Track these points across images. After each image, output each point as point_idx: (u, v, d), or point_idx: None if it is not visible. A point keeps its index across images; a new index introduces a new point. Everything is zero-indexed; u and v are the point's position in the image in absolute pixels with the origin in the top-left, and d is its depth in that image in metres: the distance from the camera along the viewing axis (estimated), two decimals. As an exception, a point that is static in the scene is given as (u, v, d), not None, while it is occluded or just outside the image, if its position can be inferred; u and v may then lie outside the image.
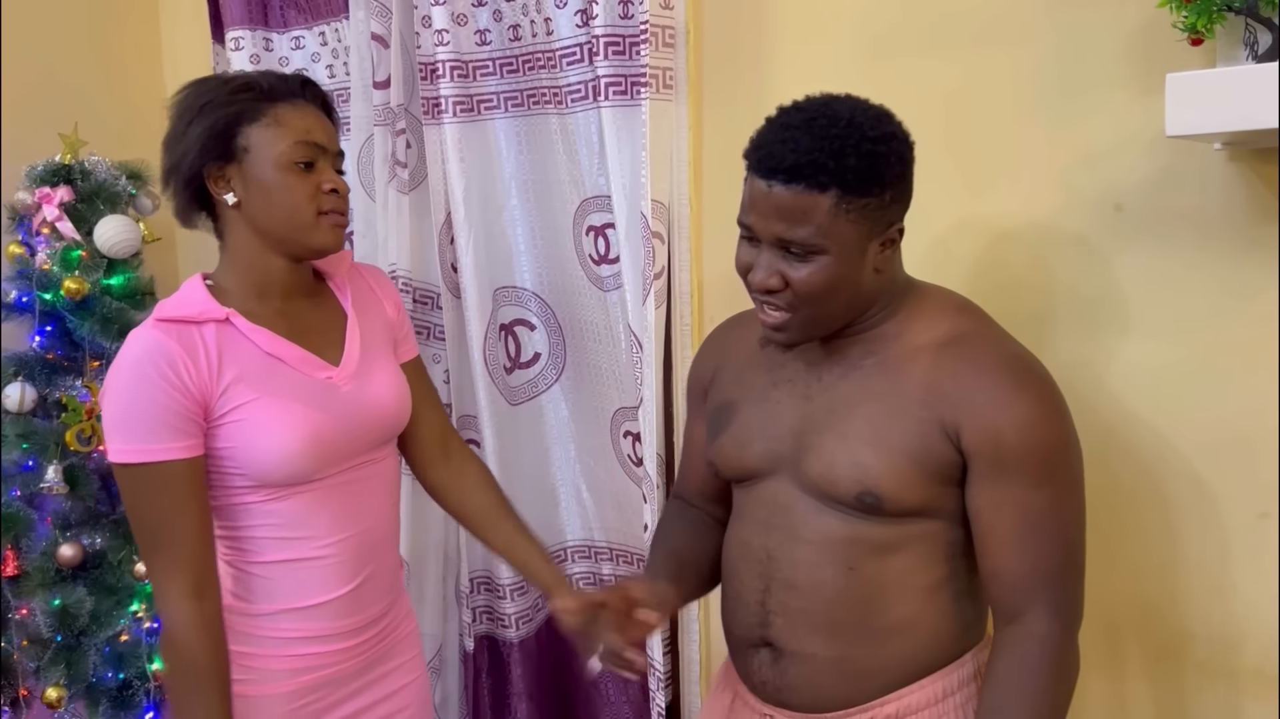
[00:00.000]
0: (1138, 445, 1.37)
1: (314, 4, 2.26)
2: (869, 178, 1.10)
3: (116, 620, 2.19)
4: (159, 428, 1.26)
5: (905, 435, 1.14)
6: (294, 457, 1.32)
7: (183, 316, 1.31)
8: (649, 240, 1.66)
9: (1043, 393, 1.14)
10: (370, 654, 1.44)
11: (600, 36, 1.67)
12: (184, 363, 1.27)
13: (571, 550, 2.05)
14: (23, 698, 2.18)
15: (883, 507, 1.15)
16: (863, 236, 1.12)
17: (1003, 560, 1.13)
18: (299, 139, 1.34)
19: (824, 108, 1.13)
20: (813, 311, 1.16)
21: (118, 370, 1.29)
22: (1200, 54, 1.22)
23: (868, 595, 1.18)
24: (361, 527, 1.40)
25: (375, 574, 1.43)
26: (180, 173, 1.35)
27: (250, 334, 1.33)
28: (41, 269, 2.20)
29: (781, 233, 1.12)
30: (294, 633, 1.37)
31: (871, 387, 1.18)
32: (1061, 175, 1.40)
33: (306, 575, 1.37)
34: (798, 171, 1.09)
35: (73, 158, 2.26)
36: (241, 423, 1.30)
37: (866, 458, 1.15)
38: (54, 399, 2.23)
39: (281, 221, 1.34)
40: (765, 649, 1.24)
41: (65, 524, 2.20)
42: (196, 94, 1.37)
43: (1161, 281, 1.34)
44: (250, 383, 1.31)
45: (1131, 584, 1.38)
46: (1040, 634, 1.11)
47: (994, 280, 1.42)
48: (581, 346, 1.96)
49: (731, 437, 1.28)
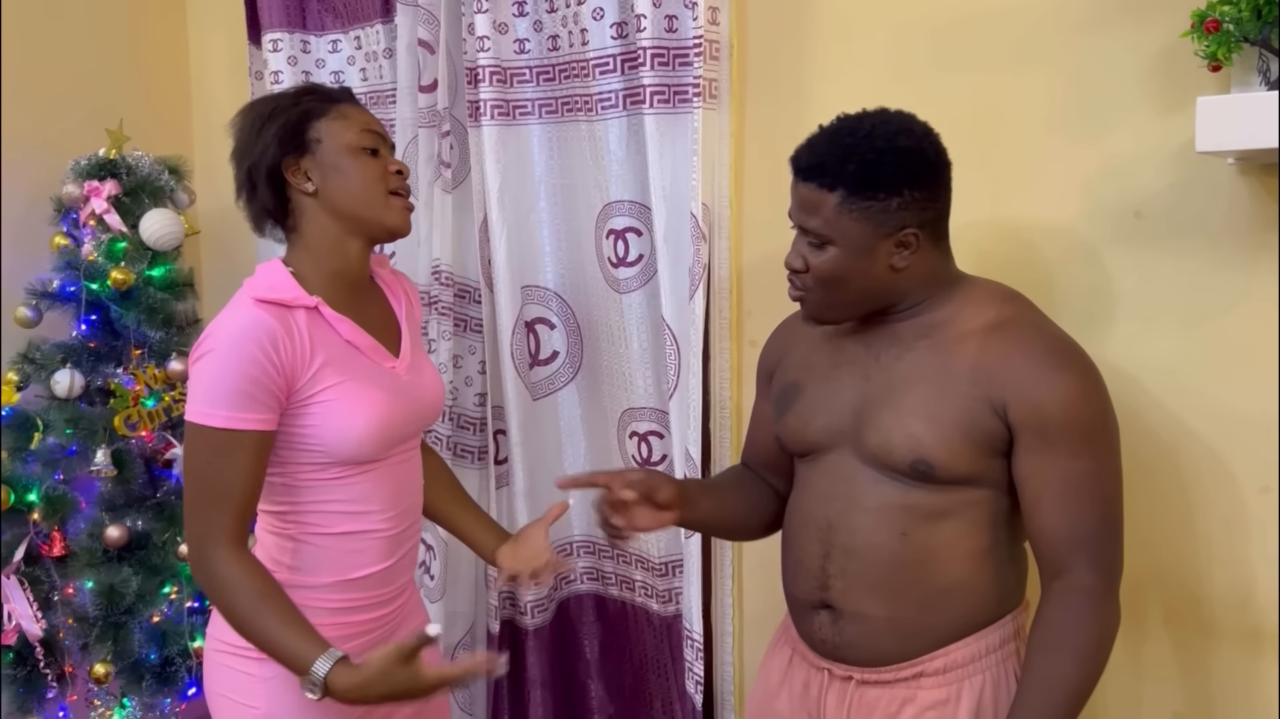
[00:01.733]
0: (1155, 428, 1.51)
1: (350, 10, 2.35)
2: (870, 183, 1.24)
3: (160, 600, 2.27)
4: (246, 399, 1.33)
5: (956, 410, 1.27)
6: (371, 437, 1.41)
7: (280, 299, 1.38)
8: (698, 240, 1.78)
9: (1082, 372, 1.27)
10: (394, 622, 1.53)
11: (648, 48, 1.77)
12: (283, 343, 1.34)
13: (577, 545, 2.15)
14: (68, 674, 2.25)
15: (934, 474, 1.28)
16: (869, 235, 1.26)
17: (1049, 522, 1.26)
18: (364, 128, 1.45)
19: (855, 119, 1.28)
20: (824, 295, 1.31)
21: (218, 339, 1.35)
22: (1217, 79, 1.36)
23: (920, 559, 1.31)
24: (406, 504, 1.51)
25: (408, 551, 1.54)
26: (261, 169, 1.42)
27: (334, 322, 1.42)
28: (87, 260, 2.27)
29: (801, 222, 1.30)
30: (339, 603, 1.45)
31: (925, 367, 1.31)
32: (1085, 185, 1.54)
33: (359, 547, 1.45)
34: (810, 171, 1.27)
35: (118, 152, 2.33)
36: (328, 403, 1.38)
37: (920, 430, 1.28)
38: (96, 386, 2.30)
39: (358, 200, 1.43)
40: (825, 610, 1.36)
41: (110, 506, 2.27)
42: (262, 104, 1.46)
43: (1177, 281, 1.48)
44: (336, 367, 1.39)
45: (1149, 552, 1.52)
46: (1084, 587, 1.24)
47: (1025, 279, 1.54)
48: (595, 348, 2.05)
49: (796, 414, 1.41)
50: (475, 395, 2.18)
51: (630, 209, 1.91)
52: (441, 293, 2.12)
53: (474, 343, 2.18)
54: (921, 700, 1.32)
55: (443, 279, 2.12)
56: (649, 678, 2.09)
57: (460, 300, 2.17)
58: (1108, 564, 1.26)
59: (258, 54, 2.46)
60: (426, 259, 2.16)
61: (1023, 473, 1.27)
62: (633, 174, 1.90)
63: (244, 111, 1.48)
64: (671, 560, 1.99)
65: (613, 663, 2.15)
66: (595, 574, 2.15)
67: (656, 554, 2.01)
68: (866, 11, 1.71)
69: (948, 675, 1.32)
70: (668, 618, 2.02)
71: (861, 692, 1.35)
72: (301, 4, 2.38)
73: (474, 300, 2.17)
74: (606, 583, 2.14)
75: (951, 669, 1.32)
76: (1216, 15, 1.30)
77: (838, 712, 1.37)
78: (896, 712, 1.33)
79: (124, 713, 2.32)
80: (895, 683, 1.33)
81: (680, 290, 1.82)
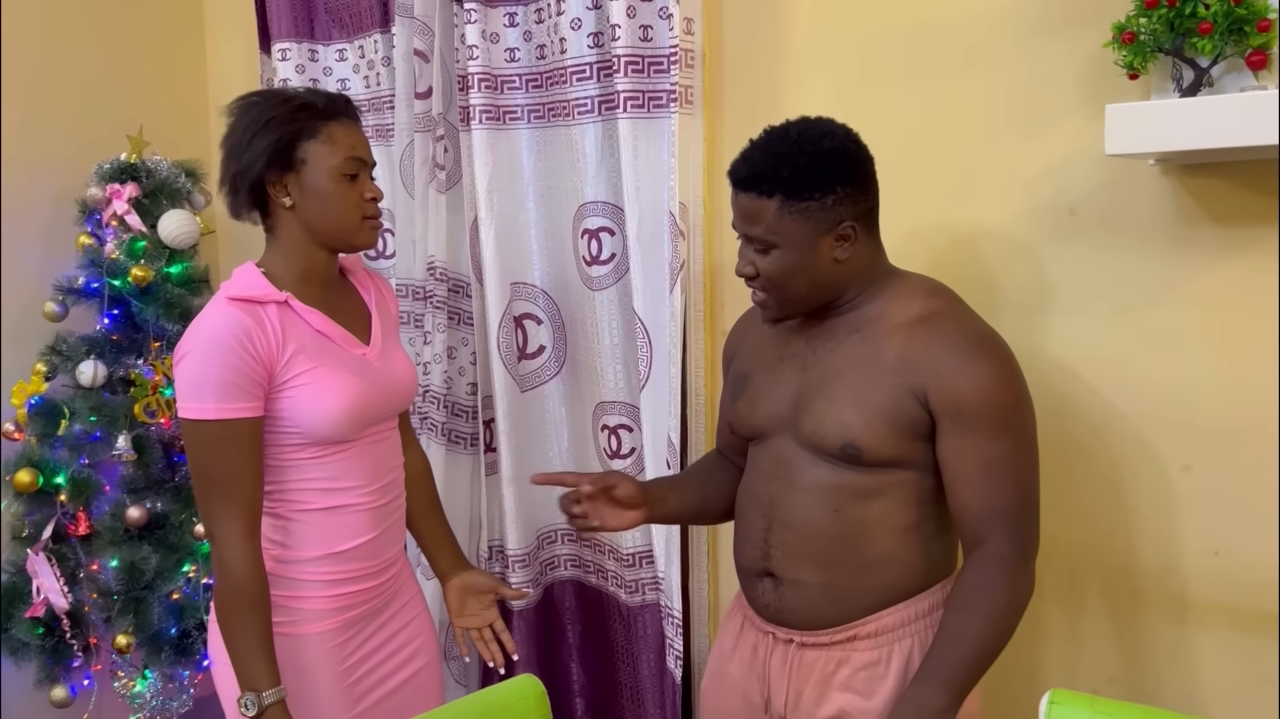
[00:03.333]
0: (1087, 410, 1.61)
1: (355, 20, 2.47)
2: (806, 185, 1.35)
3: (178, 577, 2.42)
4: (231, 390, 1.44)
5: (882, 398, 1.38)
6: (344, 418, 1.52)
7: (251, 297, 1.50)
8: (675, 237, 1.88)
9: (997, 361, 1.37)
10: (388, 593, 1.65)
11: (622, 56, 1.87)
12: (256, 335, 1.46)
13: (561, 533, 2.25)
14: (93, 645, 2.41)
15: (862, 457, 1.39)
16: (810, 233, 1.37)
17: (967, 498, 1.37)
18: (348, 154, 1.54)
19: (782, 129, 1.40)
20: (781, 294, 1.42)
21: (196, 339, 1.46)
22: (1138, 86, 1.47)
23: (852, 533, 1.42)
24: (384, 481, 1.62)
25: (393, 524, 1.65)
26: (246, 178, 1.53)
27: (304, 314, 1.54)
28: (110, 258, 2.42)
29: (745, 230, 1.40)
30: (331, 575, 1.56)
31: (855, 358, 1.42)
32: (1025, 184, 1.64)
33: (343, 521, 1.57)
34: (748, 181, 1.37)
35: (138, 156, 2.48)
36: (303, 388, 1.50)
37: (849, 416, 1.39)
38: (118, 376, 2.45)
39: (332, 224, 1.54)
40: (768, 578, 1.48)
41: (131, 488, 2.42)
42: (260, 108, 1.54)
43: (1107, 273, 1.59)
44: (307, 355, 1.51)
45: (1083, 527, 1.62)
46: (999, 555, 1.35)
47: (968, 272, 1.66)
48: (575, 343, 2.15)
49: (745, 402, 1.53)
50: (468, 385, 2.30)
51: (604, 209, 2.02)
52: (436, 288, 2.25)
53: (466, 335, 2.30)
54: (855, 662, 1.44)
55: (437, 274, 2.24)
56: (619, 666, 2.19)
57: (454, 295, 2.29)
58: (1022, 537, 1.36)
59: (268, 62, 2.59)
60: (422, 256, 2.29)
61: (944, 454, 1.38)
62: (606, 176, 2.00)
63: (242, 108, 1.56)
64: (640, 552, 2.08)
65: (592, 648, 2.25)
66: (577, 561, 2.25)
67: (626, 546, 2.10)
68: (831, 23, 1.82)
69: (879, 639, 1.43)
70: (634, 608, 2.11)
71: (802, 653, 1.46)
72: (310, 15, 2.51)
73: (466, 295, 2.28)
74: (586, 570, 2.25)
75: (882, 633, 1.43)
76: (1133, 28, 1.40)
77: (781, 672, 1.48)
78: (833, 672, 1.44)
79: (146, 684, 2.47)
80: (831, 645, 1.44)
81: (654, 286, 1.92)
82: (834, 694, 1.44)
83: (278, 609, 1.53)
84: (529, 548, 2.20)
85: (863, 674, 1.43)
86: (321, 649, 1.56)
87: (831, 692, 1.44)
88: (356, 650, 1.60)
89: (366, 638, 1.62)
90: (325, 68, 2.53)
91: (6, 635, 2.38)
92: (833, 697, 1.44)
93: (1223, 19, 1.34)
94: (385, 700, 1.64)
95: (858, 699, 1.43)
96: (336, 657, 1.57)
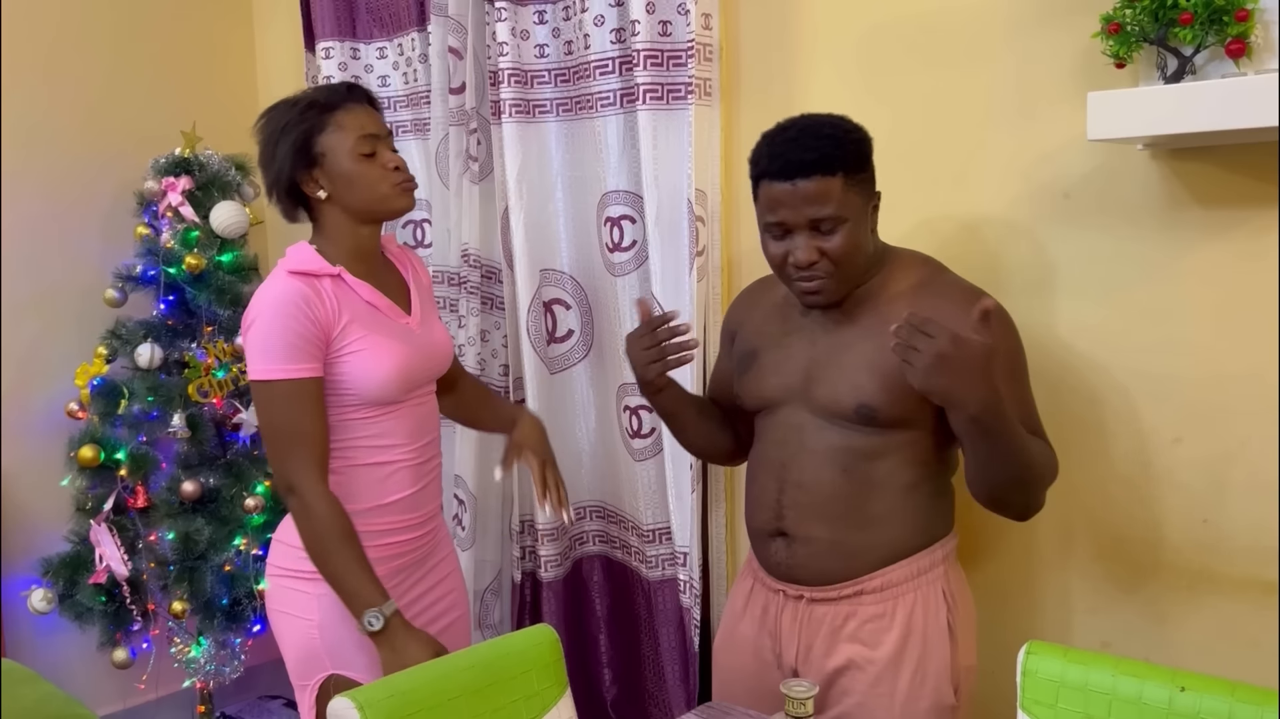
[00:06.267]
0: (1084, 385, 1.69)
1: (394, 19, 2.59)
2: (860, 160, 1.47)
3: (229, 548, 2.56)
4: (296, 352, 1.59)
5: (894, 360, 1.43)
6: (393, 381, 1.66)
7: (308, 270, 1.64)
8: (694, 223, 1.98)
9: (999, 314, 1.46)
10: (427, 545, 1.78)
11: (641, 50, 1.96)
12: (315, 303, 1.61)
13: (589, 509, 2.34)
14: (151, 611, 2.56)
15: (876, 417, 1.49)
16: (863, 204, 1.48)
17: None
18: (359, 135, 1.66)
19: (806, 121, 1.49)
20: (846, 270, 1.49)
21: (261, 308, 1.61)
22: (1127, 74, 1.54)
23: (859, 491, 1.52)
24: (424, 440, 1.75)
25: (431, 480, 1.79)
26: (280, 184, 1.68)
27: (356, 286, 1.68)
28: (165, 247, 2.56)
29: (813, 214, 1.45)
30: (378, 526, 1.69)
31: (864, 328, 1.52)
32: (1022, 170, 1.72)
33: (389, 475, 1.70)
34: (816, 165, 1.44)
35: (191, 151, 2.62)
36: (358, 354, 1.63)
37: (863, 380, 1.49)
38: (174, 359, 2.60)
39: (366, 199, 1.67)
40: (780, 538, 1.58)
41: (186, 464, 2.57)
42: (274, 120, 1.69)
43: (1100, 254, 1.66)
44: (360, 323, 1.65)
45: (1079, 496, 1.70)
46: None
47: (968, 253, 1.74)
48: (601, 327, 2.24)
49: (754, 375, 1.63)
50: (500, 366, 2.41)
51: (625, 198, 2.11)
52: (470, 274, 2.36)
53: (499, 319, 2.41)
54: (861, 615, 1.53)
55: (470, 261, 2.36)
56: (642, 638, 2.28)
57: (487, 281, 2.40)
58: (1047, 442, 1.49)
59: (313, 60, 2.71)
60: (457, 243, 2.40)
61: None
62: (628, 166, 2.10)
63: (261, 125, 1.71)
64: (659, 528, 2.17)
65: (617, 620, 2.33)
66: (605, 537, 2.34)
67: (647, 522, 2.18)
68: (841, 17, 1.91)
69: (884, 593, 1.53)
70: (654, 582, 2.20)
71: (811, 609, 1.56)
72: (352, 15, 2.63)
73: (498, 281, 2.38)
74: (613, 546, 2.34)
75: (888, 588, 1.53)
76: (1119, 19, 1.48)
77: (792, 627, 1.58)
78: (841, 625, 1.54)
79: (200, 650, 2.62)
80: (839, 600, 1.54)
81: (673, 271, 2.01)
82: (842, 645, 1.54)
83: None
84: (558, 523, 2.29)
85: (869, 626, 1.53)
86: None
87: (840, 643, 1.54)
88: (401, 598, 1.71)
89: (410, 586, 1.75)
90: (366, 65, 2.65)
91: (71, 601, 2.53)
92: (840, 648, 1.54)
93: (1202, 9, 1.41)
94: None
95: (864, 649, 1.53)
96: None
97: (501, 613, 2.51)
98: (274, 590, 1.74)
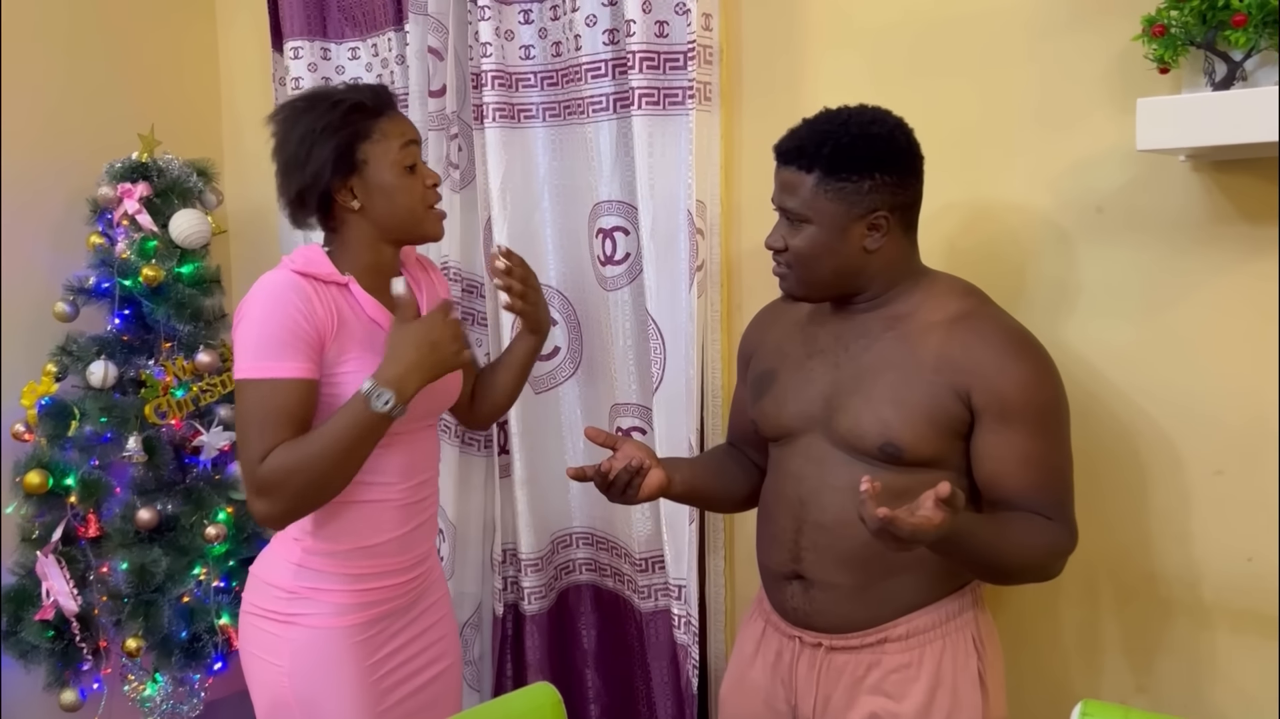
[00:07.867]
0: (1114, 413, 1.58)
1: (368, 18, 2.46)
2: (843, 164, 1.36)
3: (189, 579, 2.40)
4: (287, 350, 1.45)
5: (922, 396, 1.36)
6: None
7: (312, 273, 1.51)
8: (693, 236, 1.86)
9: (1038, 359, 1.37)
10: (416, 590, 1.65)
11: (636, 52, 1.85)
12: (314, 301, 1.48)
13: (576, 536, 2.22)
14: (103, 648, 2.39)
15: (902, 456, 1.37)
16: (843, 215, 1.37)
17: (1009, 492, 1.35)
18: (404, 143, 1.55)
19: (834, 110, 1.42)
20: (803, 273, 1.42)
21: (256, 302, 1.48)
22: (1167, 80, 1.44)
23: None
24: (419, 479, 1.62)
25: (425, 522, 1.65)
26: (314, 191, 1.53)
27: (362, 300, 1.55)
28: (121, 258, 2.40)
29: (781, 203, 1.41)
30: (363, 569, 1.56)
31: (892, 357, 1.40)
32: (1051, 181, 1.61)
33: (377, 513, 1.57)
34: (789, 154, 1.40)
35: (149, 156, 2.46)
36: (351, 374, 1.50)
37: (889, 415, 1.37)
38: (129, 377, 2.43)
39: (401, 217, 1.56)
40: (797, 581, 1.46)
41: (142, 490, 2.41)
42: (312, 116, 1.53)
43: (1135, 272, 1.56)
44: (358, 343, 1.52)
45: (1106, 531, 1.59)
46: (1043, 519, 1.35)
47: (995, 271, 1.63)
48: (592, 344, 2.13)
49: (771, 400, 1.50)
50: (482, 385, 2.28)
51: (618, 209, 2.00)
52: (451, 288, 2.22)
53: (480, 336, 2.28)
54: (886, 664, 1.42)
55: (451, 274, 2.23)
56: (634, 671, 2.16)
57: (468, 295, 2.27)
58: (1068, 521, 1.37)
59: (280, 61, 2.58)
60: (436, 255, 2.26)
61: (983, 451, 1.36)
62: (621, 175, 1.98)
63: (289, 117, 1.55)
64: (651, 556, 2.05)
65: (608, 653, 2.22)
66: (593, 565, 2.23)
67: (639, 550, 2.07)
68: (850, 19, 1.80)
69: (910, 641, 1.41)
70: (647, 613, 2.08)
71: (830, 657, 1.44)
72: (322, 13, 2.50)
73: (480, 295, 2.26)
74: (602, 574, 2.22)
75: (914, 635, 1.41)
76: (1163, 20, 1.38)
77: (809, 677, 1.46)
78: (863, 675, 1.42)
79: (156, 688, 2.45)
80: (862, 648, 1.42)
81: (669, 286, 1.90)
82: (864, 698, 1.42)
83: (306, 601, 1.53)
84: (543, 552, 2.18)
85: (894, 677, 1.41)
86: (348, 643, 1.56)
87: (861, 695, 1.43)
88: (383, 647, 1.59)
89: (393, 635, 1.62)
90: (338, 66, 2.52)
91: (15, 638, 2.36)
92: (863, 700, 1.42)
93: (1257, 11, 1.31)
94: (409, 699, 1.63)
95: (888, 702, 1.41)
96: (363, 652, 1.56)
97: (482, 648, 2.37)
98: (246, 630, 1.61)
